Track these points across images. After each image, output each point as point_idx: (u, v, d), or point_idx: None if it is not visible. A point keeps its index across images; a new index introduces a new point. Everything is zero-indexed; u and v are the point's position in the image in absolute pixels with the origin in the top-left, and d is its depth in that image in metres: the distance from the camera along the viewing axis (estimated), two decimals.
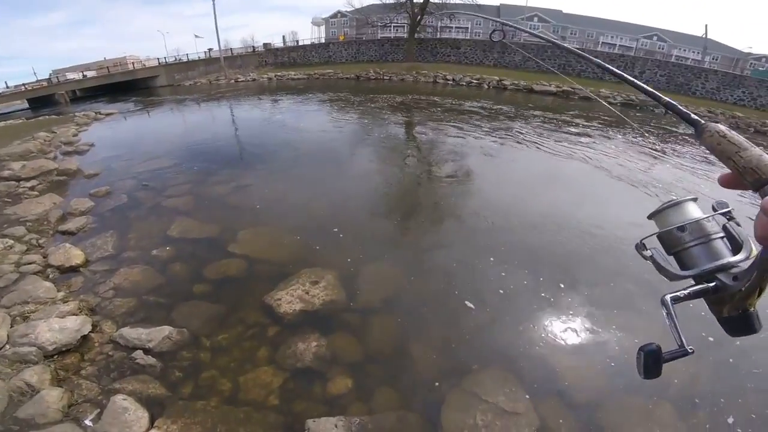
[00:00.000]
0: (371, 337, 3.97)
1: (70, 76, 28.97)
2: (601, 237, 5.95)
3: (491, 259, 5.29)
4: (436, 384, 3.44)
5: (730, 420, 3.19)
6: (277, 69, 34.64)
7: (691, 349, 0.47)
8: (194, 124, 15.57)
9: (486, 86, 26.49)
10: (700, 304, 0.54)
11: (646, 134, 15.48)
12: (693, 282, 0.53)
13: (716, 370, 3.67)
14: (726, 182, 0.49)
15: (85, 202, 7.00)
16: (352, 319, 4.20)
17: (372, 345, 3.87)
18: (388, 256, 5.33)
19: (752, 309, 0.49)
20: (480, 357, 3.72)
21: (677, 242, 0.54)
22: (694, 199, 0.57)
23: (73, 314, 4.10)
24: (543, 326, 4.15)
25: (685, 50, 45.02)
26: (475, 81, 27.32)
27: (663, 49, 45.68)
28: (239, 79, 30.61)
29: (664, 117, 20.16)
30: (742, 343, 3.83)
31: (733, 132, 0.49)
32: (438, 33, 39.57)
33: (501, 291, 4.66)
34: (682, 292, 0.51)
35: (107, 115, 18.45)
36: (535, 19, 47.86)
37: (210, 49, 36.05)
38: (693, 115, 0.54)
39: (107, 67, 32.18)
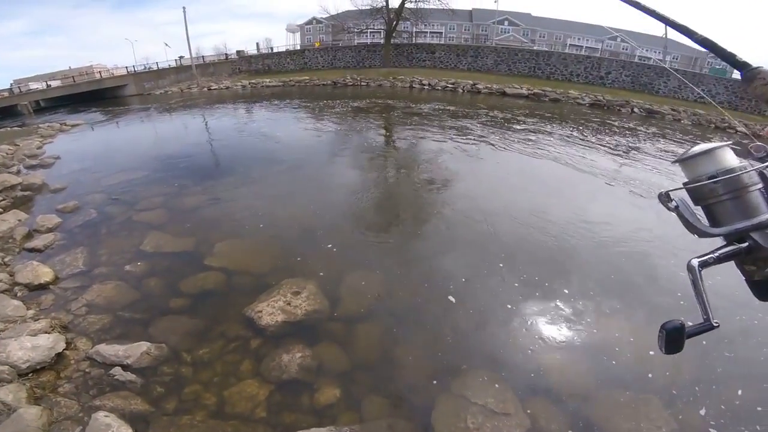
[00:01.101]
0: (357, 345, 3.93)
1: (33, 86, 27.75)
2: (581, 233, 6.12)
3: (474, 260, 5.35)
4: (425, 389, 3.42)
5: (721, 407, 3.30)
6: (251, 76, 34.19)
7: (716, 322, 0.43)
8: (166, 134, 15.15)
9: (461, 90, 26.94)
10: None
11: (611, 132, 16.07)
12: (723, 241, 0.47)
13: (712, 359, 3.79)
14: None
15: (52, 219, 6.68)
16: (336, 328, 4.15)
17: (358, 353, 3.83)
18: (370, 263, 5.30)
19: None
20: (467, 359, 3.73)
21: (708, 194, 0.47)
22: (730, 145, 0.50)
23: (45, 332, 3.97)
24: (528, 326, 4.20)
25: (647, 50, 47.11)
26: (450, 86, 27.74)
27: (627, 49, 47.66)
28: (212, 87, 30.04)
29: (630, 115, 20.96)
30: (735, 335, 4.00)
31: None
32: (413, 38, 40.04)
33: (485, 292, 4.71)
34: (711, 255, 0.45)
35: (73, 126, 17.74)
36: (506, 22, 49.09)
37: (181, 57, 35.30)
38: (738, 57, 0.44)
39: (73, 76, 31.05)
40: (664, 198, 0.52)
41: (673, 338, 0.45)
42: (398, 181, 9.00)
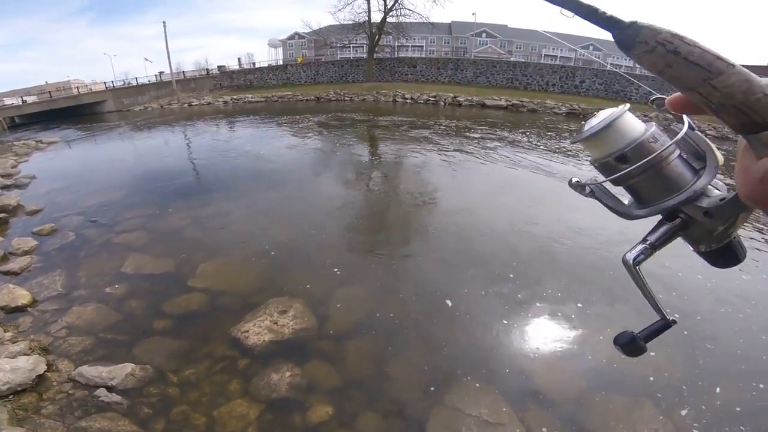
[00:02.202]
0: (347, 361, 3.90)
1: (8, 101, 27.08)
2: (564, 239, 6.25)
3: (463, 271, 5.41)
4: (419, 402, 3.42)
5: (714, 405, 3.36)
6: (233, 92, 34.07)
7: (673, 319, 0.39)
8: (146, 152, 14.88)
9: (442, 103, 27.40)
10: None
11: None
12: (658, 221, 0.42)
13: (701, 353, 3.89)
14: (680, 108, 0.34)
15: (28, 241, 6.49)
16: (325, 345, 4.12)
17: (349, 369, 3.80)
18: (357, 279, 5.30)
19: (733, 238, 0.40)
20: (459, 371, 3.74)
21: (623, 175, 0.40)
22: (629, 109, 0.42)
23: (25, 354, 3.90)
24: (519, 334, 4.25)
25: (618, 58, 48.98)
26: (432, 99, 28.20)
27: (599, 57, 49.47)
28: (193, 103, 29.78)
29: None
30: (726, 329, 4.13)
31: (689, 39, 0.28)
32: (395, 52, 40.71)
33: (475, 303, 4.75)
34: (644, 245, 0.40)
35: (50, 143, 17.29)
36: (484, 34, 50.39)
37: (161, 72, 34.99)
38: (609, 13, 0.30)
39: (49, 91, 30.35)
40: (576, 186, 0.46)
41: (631, 348, 0.41)
42: (383, 196, 9.07)
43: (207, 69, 39.55)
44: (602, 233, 6.28)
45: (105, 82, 33.66)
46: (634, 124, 0.40)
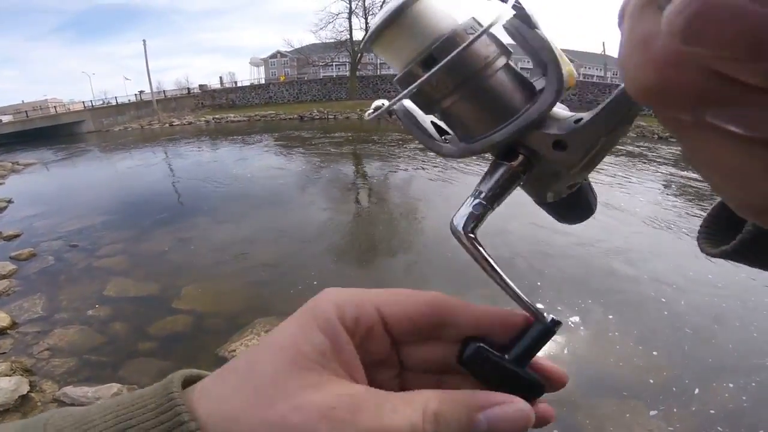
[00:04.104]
0: None
1: None
2: (551, 242, 6.48)
3: (454, 280, 5.55)
4: None
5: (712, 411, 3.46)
6: (215, 111, 34.06)
7: (553, 319, 0.26)
8: (126, 174, 14.70)
9: None
10: None
11: None
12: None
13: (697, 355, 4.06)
14: None
15: (6, 266, 6.38)
16: None
17: None
18: None
19: (585, 180, 0.30)
20: None
21: (433, 93, 0.26)
22: None
23: (6, 375, 3.88)
24: None
25: (589, 68, 51.08)
26: None
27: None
28: (174, 123, 29.61)
29: None
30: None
31: None
32: (378, 70, 41.53)
33: None
34: (472, 200, 0.27)
35: (26, 165, 16.89)
36: None
37: (141, 92, 34.86)
38: None
39: (25, 111, 29.84)
40: (377, 110, 0.32)
41: (479, 366, 0.25)
42: (370, 213, 9.22)
43: (188, 88, 39.55)
44: (585, 232, 6.48)
45: (83, 102, 33.25)
46: (440, 10, 0.25)
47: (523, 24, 0.26)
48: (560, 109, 0.27)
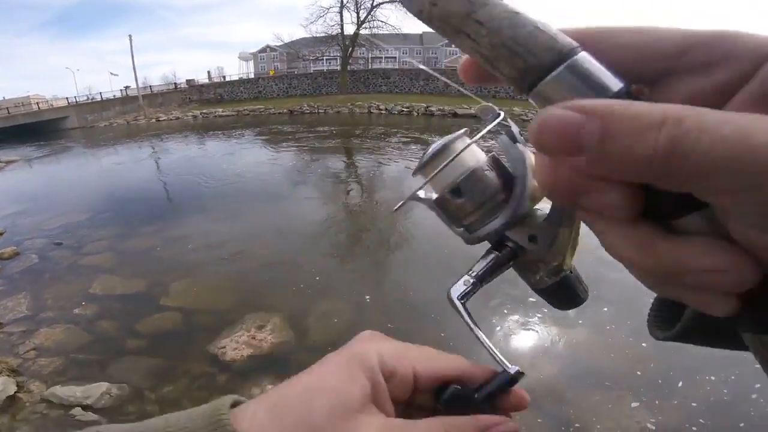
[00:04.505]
0: None
1: None
2: None
3: (444, 275, 5.54)
4: None
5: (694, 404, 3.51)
6: (202, 106, 33.53)
7: (515, 369, 0.32)
8: (112, 170, 14.40)
9: (416, 113, 27.91)
10: None
11: None
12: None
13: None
14: (471, 74, 0.26)
15: None
16: (306, 357, 4.16)
17: None
18: (336, 291, 5.36)
19: (569, 272, 0.33)
20: None
21: (458, 213, 0.33)
22: (467, 133, 0.35)
23: None
24: (503, 335, 4.39)
25: None
26: (405, 109, 28.68)
27: None
28: (161, 119, 29.10)
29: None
30: None
31: None
32: (369, 64, 41.19)
33: (448, 307, 4.89)
34: (467, 277, 0.34)
35: (8, 162, 16.47)
36: (453, 45, 52.09)
37: (127, 87, 34.18)
38: None
39: (7, 108, 29.02)
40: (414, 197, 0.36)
41: (460, 405, 0.32)
42: (360, 207, 9.18)
43: (175, 83, 38.88)
44: None
45: (67, 98, 32.48)
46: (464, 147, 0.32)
47: (507, 137, 0.31)
48: (541, 207, 0.32)
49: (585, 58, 0.19)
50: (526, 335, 4.39)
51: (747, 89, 0.18)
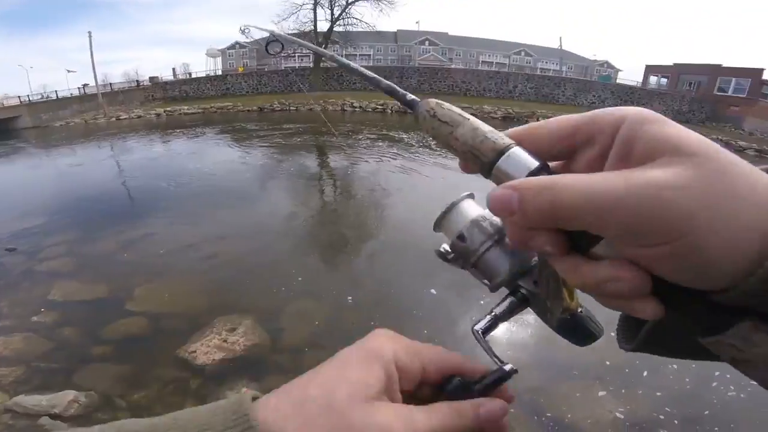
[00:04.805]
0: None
1: None
2: None
3: (415, 276, 5.59)
4: None
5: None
6: (167, 104, 32.20)
7: (510, 367, 0.39)
8: (69, 172, 13.55)
9: (389, 111, 27.96)
10: None
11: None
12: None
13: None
14: (466, 168, 0.36)
15: None
16: (282, 359, 4.13)
17: None
18: (308, 291, 5.30)
19: (580, 310, 0.39)
20: None
21: (466, 254, 0.42)
22: (470, 196, 0.45)
23: None
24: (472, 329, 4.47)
25: (547, 62, 52.90)
26: (379, 107, 28.71)
27: (530, 63, 53.12)
28: (122, 117, 27.75)
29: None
30: None
31: (446, 105, 0.37)
32: None
33: (433, 303, 4.93)
34: (489, 317, 0.42)
35: None
36: (427, 42, 52.24)
37: (85, 85, 32.37)
38: (409, 96, 0.41)
39: None
40: (446, 254, 0.45)
41: (458, 393, 0.39)
42: (332, 205, 9.10)
43: (137, 80, 37.17)
44: None
45: (19, 96, 30.42)
46: (471, 207, 0.43)
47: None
48: None
49: (515, 151, 0.30)
50: (497, 328, 4.47)
51: (611, 153, 0.26)
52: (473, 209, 0.43)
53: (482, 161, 0.32)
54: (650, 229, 0.22)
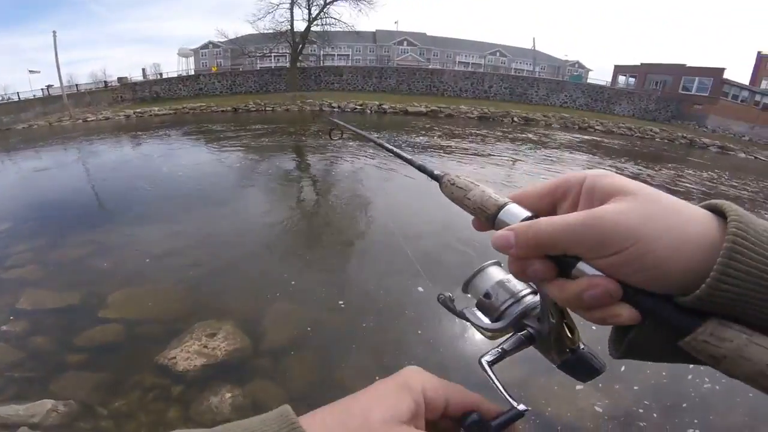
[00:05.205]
0: (291, 375, 3.88)
1: None
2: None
3: (401, 274, 5.60)
4: None
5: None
6: (136, 105, 31.17)
7: (523, 407, 0.42)
8: (33, 177, 12.82)
9: (369, 111, 27.96)
10: None
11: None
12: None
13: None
14: (479, 227, 0.45)
15: None
16: (264, 363, 4.05)
17: (295, 383, 3.78)
18: (290, 293, 5.23)
19: (581, 347, 0.44)
20: (406, 364, 3.89)
21: (491, 308, 0.49)
22: (497, 263, 0.51)
23: None
24: (465, 329, 4.42)
25: (521, 63, 54.13)
26: (358, 107, 28.65)
27: (504, 63, 54.21)
28: (89, 119, 26.67)
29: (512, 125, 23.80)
30: None
31: (462, 176, 0.47)
32: (321, 61, 40.36)
33: (415, 303, 4.94)
34: (496, 350, 0.47)
35: None
36: (405, 42, 52.50)
37: (49, 86, 30.93)
38: (437, 171, 0.50)
39: None
40: (447, 300, 0.55)
41: (476, 428, 0.42)
42: (313, 208, 9.03)
43: (105, 81, 35.84)
44: None
45: None
46: (496, 272, 0.50)
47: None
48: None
49: (511, 206, 0.39)
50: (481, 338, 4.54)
51: (580, 201, 0.36)
52: (499, 272, 0.51)
53: (487, 214, 0.41)
54: (606, 242, 0.30)
